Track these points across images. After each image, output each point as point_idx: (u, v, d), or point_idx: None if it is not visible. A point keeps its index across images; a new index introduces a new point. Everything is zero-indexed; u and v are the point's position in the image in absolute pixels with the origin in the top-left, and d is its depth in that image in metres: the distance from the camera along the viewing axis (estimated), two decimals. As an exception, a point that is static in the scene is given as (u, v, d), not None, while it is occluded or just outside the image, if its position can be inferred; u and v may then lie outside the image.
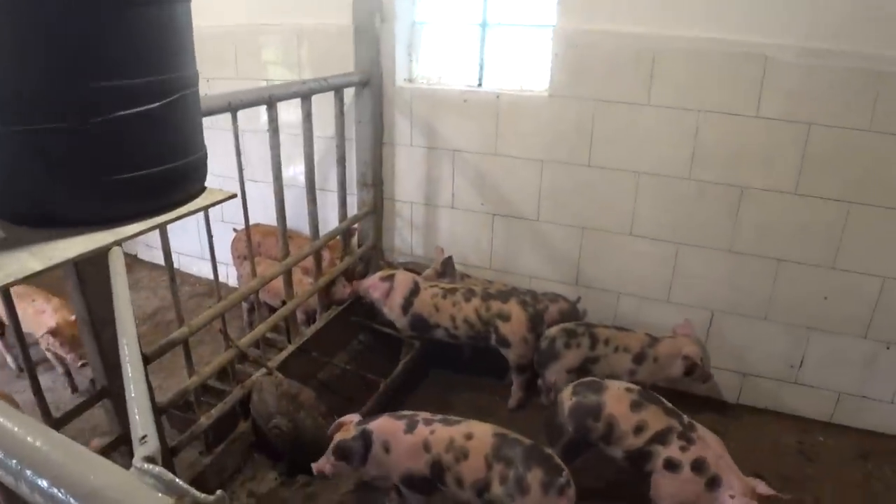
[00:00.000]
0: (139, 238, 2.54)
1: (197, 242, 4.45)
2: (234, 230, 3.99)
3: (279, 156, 3.00)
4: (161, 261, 4.72)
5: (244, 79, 3.96)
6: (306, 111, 3.12)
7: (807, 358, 3.24)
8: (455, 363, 3.64)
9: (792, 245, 3.10)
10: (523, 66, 3.48)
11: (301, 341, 3.31)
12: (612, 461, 2.61)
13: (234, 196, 2.05)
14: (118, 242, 1.74)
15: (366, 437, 2.44)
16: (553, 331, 3.16)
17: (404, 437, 2.41)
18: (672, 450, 2.38)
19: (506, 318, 3.21)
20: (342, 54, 3.60)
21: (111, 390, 2.36)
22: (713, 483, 2.30)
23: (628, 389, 2.59)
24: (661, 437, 2.42)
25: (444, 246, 3.71)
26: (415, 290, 3.37)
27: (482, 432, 2.38)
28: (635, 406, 2.50)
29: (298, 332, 3.40)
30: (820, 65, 2.78)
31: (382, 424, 2.48)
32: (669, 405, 2.55)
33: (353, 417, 2.57)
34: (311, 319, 3.64)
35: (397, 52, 3.60)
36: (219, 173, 2.82)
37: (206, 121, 2.05)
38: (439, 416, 2.51)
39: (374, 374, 3.29)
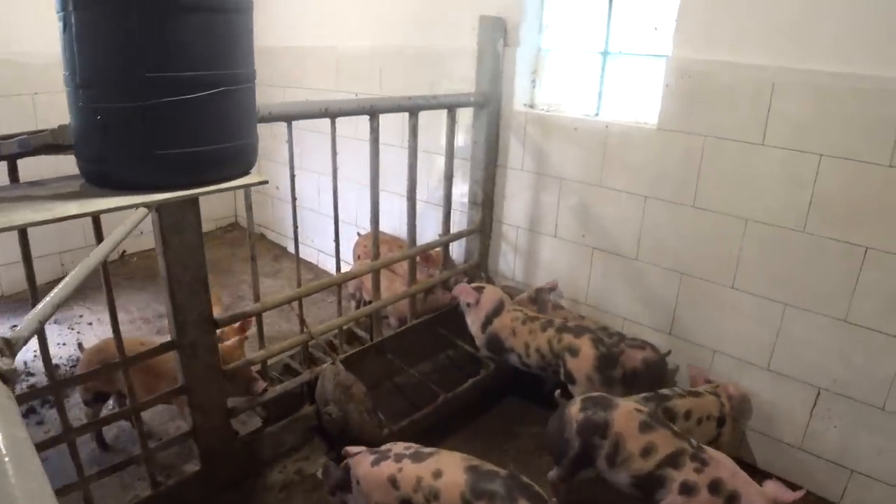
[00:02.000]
0: (290, 233, 2.91)
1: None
2: (358, 234, 4.28)
3: (377, 165, 3.19)
4: (308, 257, 5.13)
5: (386, 93, 4.25)
6: (412, 125, 3.28)
7: (937, 465, 2.66)
8: (535, 394, 3.53)
9: (926, 324, 2.58)
10: (640, 97, 3.33)
11: (377, 341, 3.44)
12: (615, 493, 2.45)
13: (265, 182, 2.24)
14: (145, 205, 1.99)
15: (346, 469, 2.47)
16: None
17: (371, 470, 2.37)
18: (687, 472, 2.29)
19: (574, 352, 3.06)
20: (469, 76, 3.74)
21: (180, 343, 2.65)
22: (732, 500, 2.23)
23: (638, 410, 2.49)
24: (673, 461, 2.32)
25: (544, 275, 3.64)
26: (498, 309, 3.35)
27: (452, 467, 2.25)
28: (644, 427, 2.41)
29: (380, 333, 3.54)
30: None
31: (356, 458, 2.47)
32: (676, 429, 2.45)
33: (359, 449, 2.56)
34: (403, 326, 3.77)
35: (518, 77, 3.64)
36: (352, 178, 3.12)
37: (348, 129, 2.24)
38: (412, 450, 2.40)
39: (450, 389, 3.31)
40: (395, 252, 3.79)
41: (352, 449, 2.56)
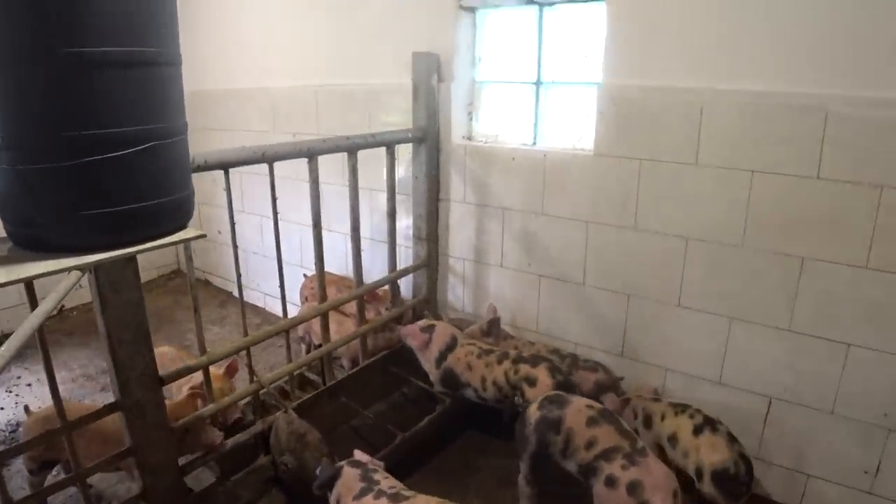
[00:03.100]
0: (235, 278, 2.86)
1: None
2: (304, 275, 4.21)
3: (318, 206, 3.16)
4: (255, 301, 5.03)
5: (325, 133, 4.22)
6: (352, 165, 3.26)
7: (885, 464, 2.73)
8: (493, 426, 3.50)
9: (863, 328, 2.65)
10: (575, 124, 3.39)
11: (330, 384, 3.37)
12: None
13: (202, 236, 2.17)
14: (78, 268, 1.90)
15: (334, 474, 2.50)
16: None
17: (351, 502, 2.36)
18: (614, 467, 2.40)
19: (532, 382, 3.05)
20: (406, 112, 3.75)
21: (124, 404, 2.54)
22: None
23: (590, 406, 2.64)
24: (607, 454, 2.45)
25: (494, 306, 3.64)
26: (451, 345, 3.32)
27: None
28: (591, 422, 2.56)
29: (333, 376, 3.47)
30: (892, 117, 2.43)
31: (347, 473, 2.46)
32: (627, 428, 2.57)
33: (365, 458, 2.62)
34: (355, 367, 3.70)
35: (455, 111, 3.68)
36: (295, 220, 3.08)
37: (287, 171, 2.21)
38: (394, 490, 2.38)
39: (407, 428, 3.25)
40: (343, 292, 3.74)
41: (360, 455, 2.63)
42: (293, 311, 3.63)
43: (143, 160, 1.98)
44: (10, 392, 4.26)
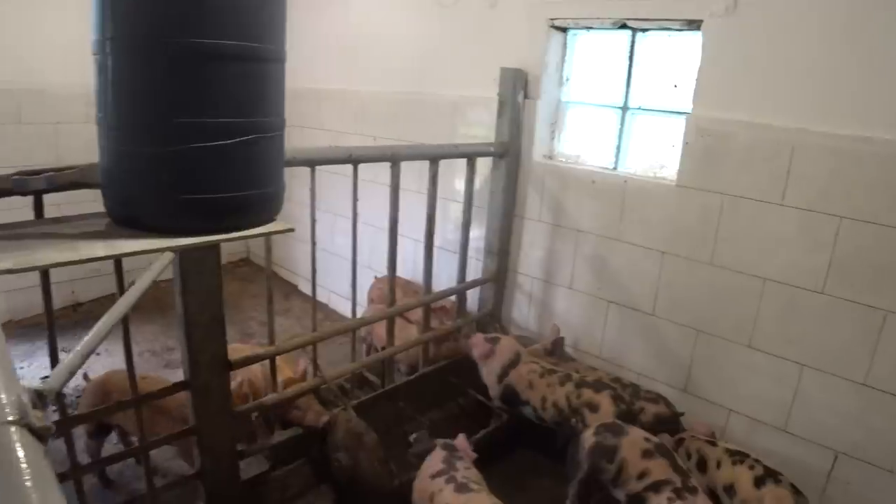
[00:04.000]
0: (301, 271, 2.95)
1: (347, 285, 4.83)
2: (375, 277, 4.28)
3: (397, 211, 3.22)
4: (319, 297, 5.17)
5: (403, 139, 4.31)
6: (432, 173, 3.31)
7: (959, 538, 2.61)
8: (546, 448, 3.48)
9: (948, 391, 2.55)
10: (660, 153, 3.36)
11: (389, 387, 3.42)
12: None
13: (290, 230, 2.24)
14: (172, 249, 1.99)
15: (427, 449, 2.79)
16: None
17: (427, 478, 2.59)
18: (661, 499, 2.43)
19: (594, 408, 3.02)
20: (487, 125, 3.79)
21: (193, 384, 2.64)
22: None
23: (647, 439, 2.64)
24: (657, 486, 2.48)
25: (558, 326, 3.63)
26: (514, 361, 3.32)
27: None
28: (646, 454, 2.56)
29: (392, 379, 3.51)
30: None
31: (436, 452, 2.72)
32: (682, 465, 2.58)
33: (463, 445, 2.79)
34: (413, 372, 3.74)
35: (538, 129, 3.69)
36: (366, 221, 3.18)
37: (364, 173, 2.55)
38: (464, 481, 2.53)
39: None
40: (409, 296, 3.79)
41: (460, 441, 2.81)
42: (359, 311, 3.69)
43: (244, 151, 2.06)
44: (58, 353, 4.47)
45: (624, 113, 3.47)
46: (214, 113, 1.97)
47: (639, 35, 3.38)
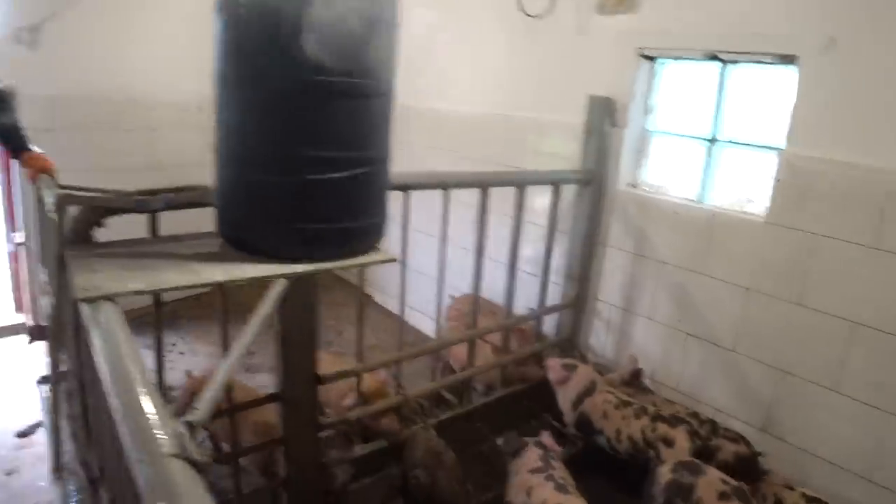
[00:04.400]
0: (377, 282, 3.06)
1: (426, 302, 4.93)
2: (451, 297, 4.37)
3: (483, 236, 3.32)
4: (395, 309, 5.28)
5: (488, 159, 4.40)
6: (519, 200, 3.38)
7: None
8: (619, 480, 3.48)
9: None
10: (747, 187, 3.32)
11: (467, 408, 3.50)
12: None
13: (393, 260, 2.33)
14: (286, 276, 2.11)
15: (520, 448, 2.93)
16: None
17: (526, 473, 2.73)
18: None
19: (669, 443, 3.02)
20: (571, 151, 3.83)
21: (284, 397, 2.79)
22: None
23: (724, 481, 2.60)
24: None
25: (636, 356, 3.62)
26: (590, 389, 3.34)
27: None
28: (723, 496, 2.53)
29: (469, 399, 3.59)
30: None
31: (531, 450, 2.85)
32: None
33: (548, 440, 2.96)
34: (489, 391, 3.81)
35: (623, 157, 3.70)
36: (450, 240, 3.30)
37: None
38: (563, 481, 2.68)
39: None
40: (485, 315, 3.86)
41: (546, 439, 2.95)
42: (432, 324, 3.75)
43: (355, 183, 2.17)
44: (163, 357, 4.72)
45: (711, 144, 3.44)
46: (329, 146, 2.10)
47: (730, 66, 3.35)
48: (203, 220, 2.39)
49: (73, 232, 2.19)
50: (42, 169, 2.56)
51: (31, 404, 3.77)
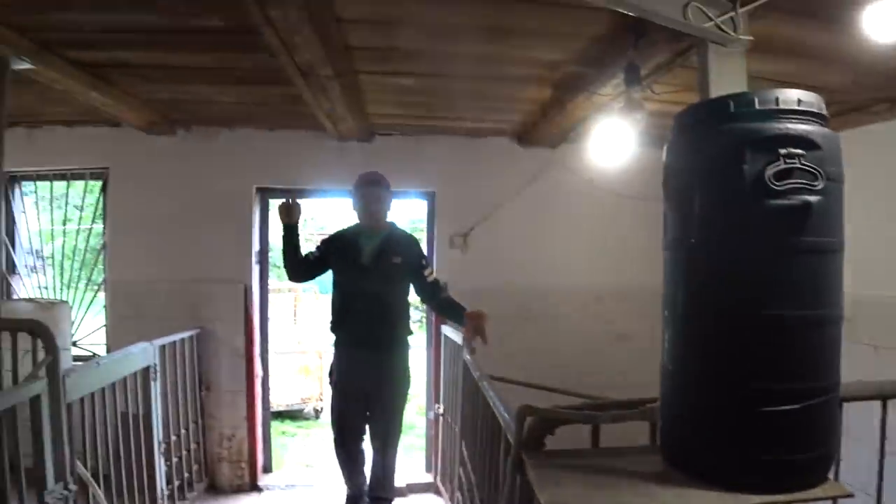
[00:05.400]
0: None
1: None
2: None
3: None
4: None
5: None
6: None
7: None
8: None
9: None
10: None
11: None
12: None
13: (850, 495, 2.16)
14: None
15: None
16: None
17: None
18: None
19: None
20: None
21: None
22: None
23: None
24: None
25: None
26: None
27: None
28: None
29: None
30: None
31: None
32: None
33: None
34: None
35: None
36: None
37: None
38: None
39: None
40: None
41: None
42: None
43: (813, 413, 2.08)
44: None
45: None
46: (796, 377, 2.07)
47: None
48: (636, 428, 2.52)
49: (528, 438, 2.41)
50: (477, 319, 4.03)
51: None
